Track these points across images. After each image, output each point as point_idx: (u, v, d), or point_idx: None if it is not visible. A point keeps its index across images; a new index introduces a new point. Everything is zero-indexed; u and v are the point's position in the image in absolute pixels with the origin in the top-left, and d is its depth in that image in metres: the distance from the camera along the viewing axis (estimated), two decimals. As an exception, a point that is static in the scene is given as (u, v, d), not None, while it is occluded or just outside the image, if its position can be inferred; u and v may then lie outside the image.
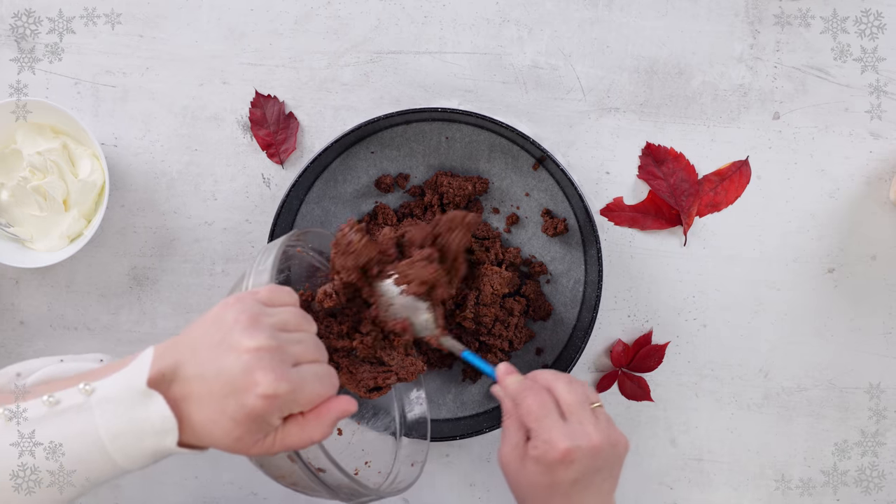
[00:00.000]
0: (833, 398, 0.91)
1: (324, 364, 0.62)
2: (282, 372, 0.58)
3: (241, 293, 0.62)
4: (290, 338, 0.60)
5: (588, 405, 0.70)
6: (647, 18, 0.89)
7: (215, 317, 0.60)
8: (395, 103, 0.89)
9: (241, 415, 0.57)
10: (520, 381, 0.72)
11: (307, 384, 0.59)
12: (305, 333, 0.62)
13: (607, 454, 0.68)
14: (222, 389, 0.58)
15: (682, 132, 0.89)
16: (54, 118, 0.84)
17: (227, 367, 0.57)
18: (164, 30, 0.89)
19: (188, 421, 0.59)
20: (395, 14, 0.89)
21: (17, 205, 0.85)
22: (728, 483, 0.91)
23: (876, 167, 0.90)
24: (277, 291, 0.63)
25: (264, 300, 0.62)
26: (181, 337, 0.61)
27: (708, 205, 0.90)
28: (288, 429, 0.60)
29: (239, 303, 0.60)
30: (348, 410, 0.61)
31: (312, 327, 0.63)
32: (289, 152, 0.89)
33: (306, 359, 0.61)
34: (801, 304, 0.90)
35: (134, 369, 0.59)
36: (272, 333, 0.59)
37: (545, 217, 0.89)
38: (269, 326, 0.59)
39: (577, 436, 0.67)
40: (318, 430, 0.60)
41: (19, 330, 0.90)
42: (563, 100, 0.89)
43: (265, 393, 0.57)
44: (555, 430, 0.68)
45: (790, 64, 0.89)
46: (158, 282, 0.90)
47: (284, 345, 0.59)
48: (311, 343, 0.62)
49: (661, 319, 0.90)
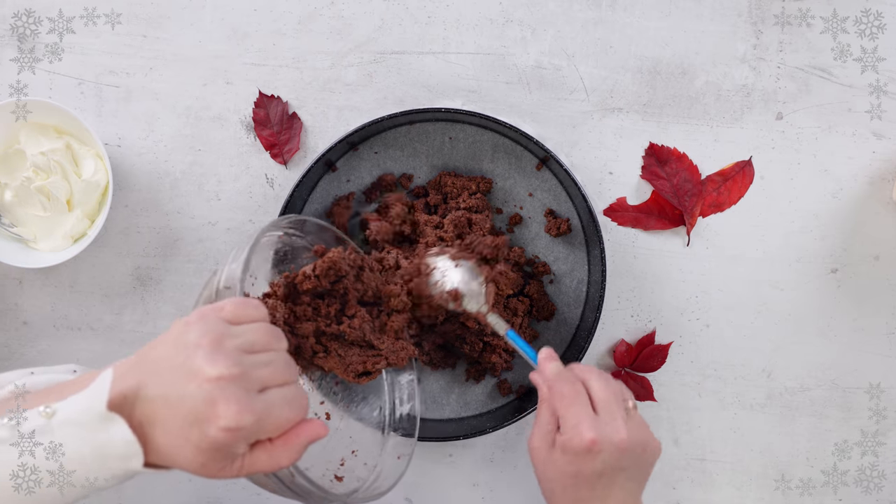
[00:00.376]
0: (836, 398, 0.91)
1: (292, 386, 0.59)
2: (245, 403, 0.55)
3: (205, 308, 0.59)
4: (256, 360, 0.58)
5: (622, 404, 0.70)
6: (650, 19, 0.89)
7: (177, 336, 0.57)
8: (399, 103, 0.89)
9: (205, 444, 0.55)
10: (559, 369, 0.72)
11: (274, 411, 0.57)
12: (274, 353, 0.59)
13: (635, 454, 0.68)
14: (185, 417, 0.55)
15: (686, 132, 0.89)
16: (57, 118, 0.84)
17: (190, 395, 0.55)
18: (167, 30, 0.89)
19: (153, 444, 0.57)
20: (399, 14, 0.89)
21: (20, 205, 0.85)
22: (731, 483, 0.92)
23: (879, 167, 0.90)
24: (243, 307, 0.60)
25: (229, 318, 0.59)
26: (144, 354, 0.59)
27: (711, 205, 0.90)
28: (256, 455, 0.58)
29: (202, 322, 0.57)
30: (318, 435, 0.59)
31: (282, 344, 0.61)
32: (292, 152, 0.89)
33: (274, 382, 0.58)
34: (805, 304, 0.90)
35: (94, 391, 0.56)
36: (236, 359, 0.56)
37: (548, 217, 0.89)
38: (233, 350, 0.56)
39: (605, 429, 0.67)
40: (287, 456, 0.58)
41: (23, 330, 0.90)
42: (567, 100, 0.89)
43: (227, 426, 0.54)
44: (584, 419, 0.68)
45: (793, 64, 0.89)
46: (162, 282, 0.90)
47: (249, 370, 0.56)
48: (279, 364, 0.59)
49: (664, 319, 0.90)
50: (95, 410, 0.56)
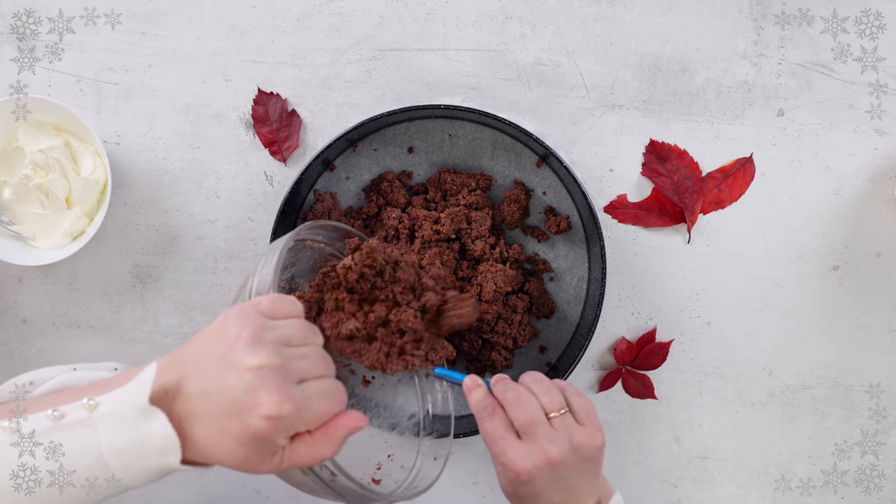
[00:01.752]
0: (837, 396, 0.90)
1: (330, 379, 0.60)
2: (286, 391, 0.56)
3: (243, 304, 0.60)
4: (295, 353, 0.59)
5: (542, 418, 0.69)
6: (650, 15, 0.89)
7: (217, 330, 0.58)
8: (398, 100, 0.89)
9: (246, 436, 0.56)
10: (480, 399, 0.71)
11: (313, 402, 0.58)
12: (311, 347, 0.60)
13: (570, 462, 0.68)
14: (226, 409, 0.56)
15: (686, 129, 0.89)
16: (56, 116, 0.84)
17: (230, 385, 0.56)
18: (166, 27, 0.88)
19: (192, 439, 0.57)
20: (398, 11, 0.88)
21: (19, 203, 0.85)
22: (732, 481, 0.91)
23: (881, 164, 0.89)
24: (280, 302, 0.61)
25: (267, 312, 0.60)
26: (184, 350, 0.60)
27: (712, 202, 0.89)
28: (296, 447, 0.59)
29: (241, 316, 0.58)
30: (357, 426, 0.60)
31: (318, 339, 0.62)
32: (291, 150, 0.89)
33: (312, 374, 0.59)
34: (806, 301, 0.90)
35: (136, 385, 0.58)
36: (276, 349, 0.57)
37: (548, 214, 0.89)
38: (272, 342, 0.57)
39: (530, 455, 0.67)
40: (328, 448, 0.59)
41: (22, 328, 0.90)
42: (567, 97, 0.89)
43: (269, 414, 0.55)
44: (509, 451, 0.68)
45: (794, 60, 0.89)
46: (161, 280, 0.89)
47: (288, 361, 0.57)
48: (316, 357, 0.60)
49: (664, 317, 0.90)
50: (137, 404, 0.57)
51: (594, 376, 0.90)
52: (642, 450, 0.91)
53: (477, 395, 0.72)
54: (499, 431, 0.69)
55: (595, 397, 0.91)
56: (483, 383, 0.73)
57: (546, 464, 0.67)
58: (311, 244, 0.78)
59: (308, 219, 0.87)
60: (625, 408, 0.91)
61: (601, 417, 0.90)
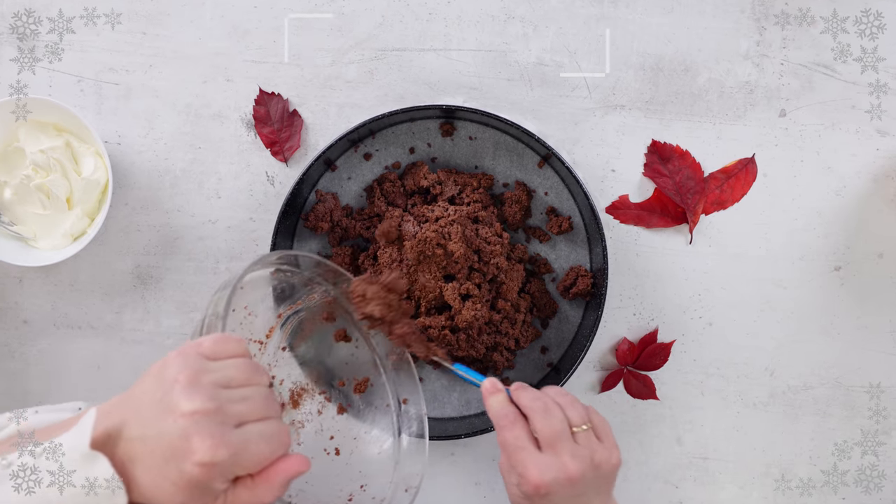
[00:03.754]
0: (839, 397, 0.90)
1: (272, 421, 0.59)
2: (220, 437, 0.55)
3: (184, 346, 0.59)
4: (234, 395, 0.58)
5: (567, 432, 0.69)
6: (652, 15, 0.88)
7: (158, 373, 0.58)
8: (400, 100, 0.89)
9: (183, 481, 0.55)
10: (501, 405, 0.71)
11: (251, 446, 0.57)
12: (253, 388, 0.59)
13: (589, 478, 0.68)
14: (163, 454, 0.56)
15: (688, 129, 0.89)
16: (57, 116, 0.84)
17: (166, 431, 0.55)
18: (167, 27, 0.88)
19: (135, 482, 0.57)
20: (400, 11, 0.88)
21: (20, 203, 0.84)
22: (734, 482, 0.91)
23: (883, 164, 0.89)
24: (223, 342, 0.60)
25: (208, 353, 0.59)
26: (129, 392, 0.59)
27: (714, 202, 0.89)
28: (237, 492, 0.58)
29: (180, 358, 0.58)
30: (299, 471, 0.59)
31: (263, 379, 0.60)
32: (293, 150, 0.89)
33: (252, 417, 0.58)
34: (808, 302, 0.90)
35: (78, 431, 0.58)
36: (212, 393, 0.56)
37: (550, 215, 0.88)
38: (209, 385, 0.57)
39: (551, 468, 0.67)
40: (269, 493, 0.58)
41: (23, 329, 0.90)
42: (569, 97, 0.89)
43: (202, 461, 0.55)
44: (529, 462, 0.68)
45: (796, 61, 0.89)
46: (162, 280, 0.89)
47: (225, 405, 0.57)
48: (258, 399, 0.59)
49: (666, 318, 0.90)
50: (79, 449, 0.57)
51: (596, 377, 0.90)
52: (644, 450, 0.91)
53: (497, 400, 0.71)
54: (520, 441, 0.69)
55: (597, 398, 0.90)
56: (503, 388, 0.72)
57: (566, 479, 0.67)
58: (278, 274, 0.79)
59: (310, 219, 0.87)
60: (626, 408, 0.91)
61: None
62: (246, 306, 0.77)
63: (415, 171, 0.88)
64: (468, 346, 0.85)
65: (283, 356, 0.81)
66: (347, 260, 0.87)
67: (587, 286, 0.86)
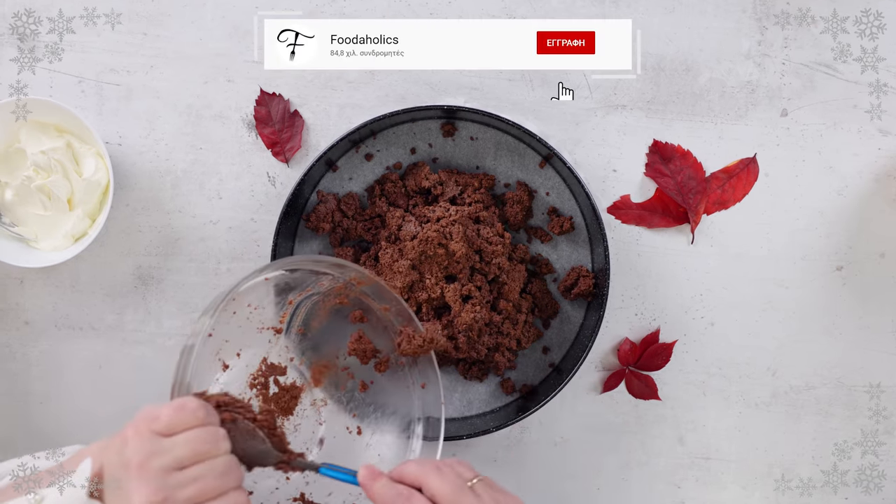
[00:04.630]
0: (841, 397, 0.90)
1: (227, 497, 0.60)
2: None
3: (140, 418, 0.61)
4: (185, 478, 0.59)
5: (465, 486, 0.65)
6: (654, 15, 0.88)
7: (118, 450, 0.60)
8: (401, 101, 0.89)
9: None
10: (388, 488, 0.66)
11: None
12: (207, 464, 0.60)
13: None
14: None
15: (690, 129, 0.89)
16: (58, 117, 0.84)
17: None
18: (168, 28, 0.88)
19: None
20: (401, 11, 0.88)
21: (21, 204, 0.84)
22: (736, 482, 0.91)
23: (885, 164, 0.89)
24: (179, 414, 0.61)
25: (163, 429, 0.60)
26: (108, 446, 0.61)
27: (715, 202, 0.89)
28: None
29: (136, 437, 0.59)
30: None
31: (220, 448, 0.61)
32: (294, 151, 0.88)
33: (204, 497, 0.59)
34: (810, 302, 0.90)
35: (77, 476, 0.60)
36: (161, 483, 0.58)
37: (551, 215, 0.88)
38: (159, 472, 0.58)
39: None
40: None
41: (24, 330, 0.90)
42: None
43: None
44: None
45: (798, 60, 0.89)
46: (163, 281, 0.89)
47: (174, 493, 0.58)
48: (210, 477, 0.60)
49: (668, 318, 0.90)
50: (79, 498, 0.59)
51: (598, 377, 0.90)
52: (646, 450, 0.91)
53: (382, 485, 0.66)
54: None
55: (598, 398, 0.90)
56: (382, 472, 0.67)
57: None
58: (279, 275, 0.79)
59: (311, 220, 0.86)
60: (628, 409, 0.91)
61: (605, 419, 0.90)
62: (249, 304, 0.77)
63: (416, 171, 0.88)
64: (469, 348, 0.85)
65: (300, 339, 0.81)
66: (349, 260, 0.87)
67: (589, 286, 0.86)
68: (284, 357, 0.80)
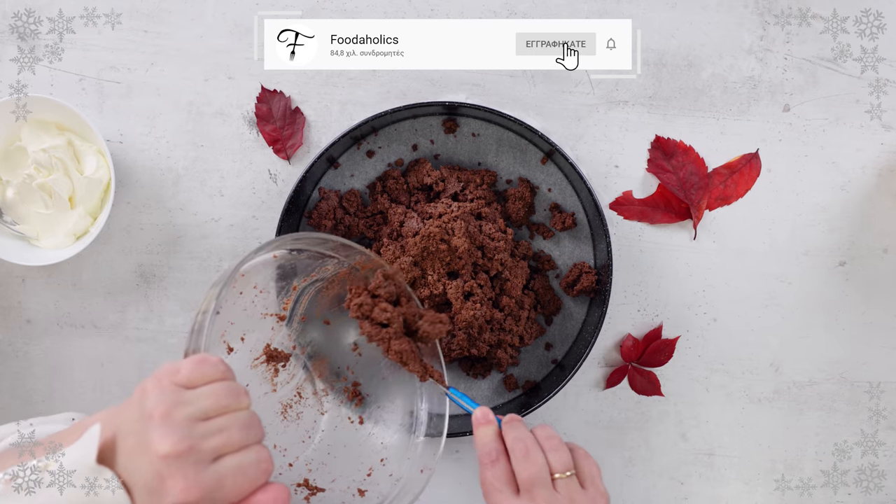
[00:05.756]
0: (844, 392, 0.90)
1: (251, 450, 0.59)
2: (193, 479, 0.56)
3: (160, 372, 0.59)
4: (209, 428, 0.58)
5: (546, 479, 0.67)
6: (655, 10, 0.88)
7: (138, 402, 0.58)
8: (402, 97, 0.89)
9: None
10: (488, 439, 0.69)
11: (227, 481, 0.57)
12: (230, 416, 0.59)
13: None
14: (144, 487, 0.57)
15: (692, 125, 0.89)
16: (59, 115, 0.83)
17: (144, 468, 0.57)
18: (168, 24, 0.88)
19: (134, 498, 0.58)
20: (402, 7, 0.88)
21: (22, 202, 0.84)
22: (739, 477, 0.91)
23: (888, 159, 0.89)
24: (201, 366, 0.60)
25: (184, 381, 0.59)
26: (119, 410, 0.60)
27: (718, 198, 0.89)
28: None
29: (156, 389, 0.58)
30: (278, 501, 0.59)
31: (242, 402, 0.60)
32: (295, 147, 0.88)
33: (230, 448, 0.58)
34: (812, 297, 0.90)
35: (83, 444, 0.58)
36: (186, 432, 0.56)
37: (553, 211, 0.88)
38: (183, 421, 0.57)
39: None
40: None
41: (26, 328, 0.89)
42: (572, 93, 0.89)
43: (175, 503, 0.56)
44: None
45: (800, 55, 0.88)
46: (165, 279, 0.89)
47: (199, 442, 0.57)
48: (235, 428, 0.59)
49: (671, 314, 0.90)
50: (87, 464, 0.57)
51: (600, 373, 0.90)
52: (649, 447, 0.91)
53: (485, 433, 0.70)
54: (498, 483, 0.68)
55: (601, 394, 0.90)
56: (495, 420, 0.71)
57: None
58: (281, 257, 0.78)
59: (313, 217, 0.86)
60: (631, 405, 0.90)
61: (608, 415, 0.90)
62: (255, 286, 0.76)
63: (418, 168, 0.88)
64: (469, 346, 0.85)
65: (303, 326, 0.81)
66: None
67: (591, 283, 0.86)
68: (287, 345, 0.79)
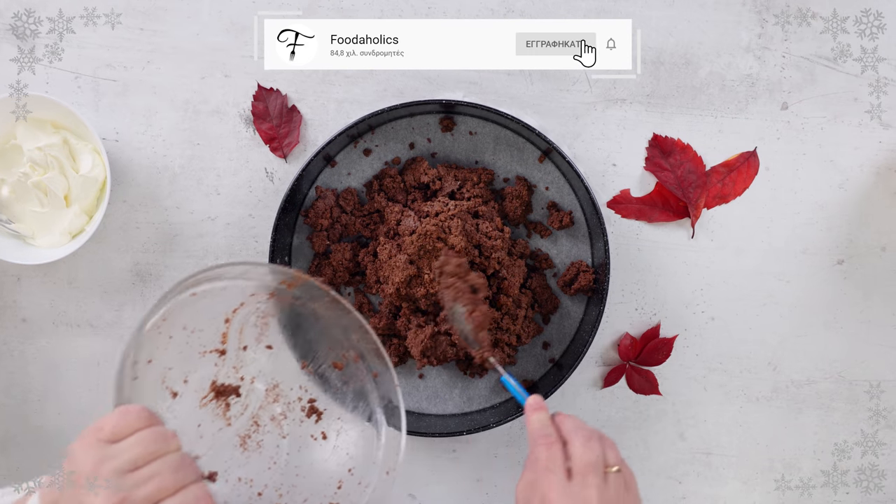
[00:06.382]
0: (843, 391, 0.90)
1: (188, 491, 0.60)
2: None
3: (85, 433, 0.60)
4: (141, 477, 0.58)
5: (601, 468, 0.68)
6: (653, 8, 0.88)
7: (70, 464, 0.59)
8: (399, 95, 0.88)
9: None
10: (542, 424, 0.71)
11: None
12: (160, 461, 0.60)
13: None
14: None
15: (690, 123, 0.89)
16: (54, 113, 0.83)
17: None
18: (164, 22, 0.88)
19: None
20: (399, 6, 0.88)
21: (17, 201, 0.84)
22: (737, 477, 0.91)
23: (886, 157, 0.89)
24: (123, 419, 0.60)
25: (109, 436, 0.60)
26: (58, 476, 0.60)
27: (716, 196, 0.89)
28: None
29: (81, 449, 0.59)
30: None
31: (171, 445, 0.61)
32: (292, 146, 0.88)
33: (164, 494, 0.59)
34: (810, 296, 0.89)
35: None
36: (116, 485, 0.58)
37: (551, 210, 0.88)
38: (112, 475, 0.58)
39: (574, 499, 0.66)
40: None
41: (21, 327, 0.89)
42: (569, 91, 0.88)
43: None
44: (555, 487, 0.67)
45: (798, 53, 0.88)
46: (161, 278, 0.89)
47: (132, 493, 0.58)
48: (167, 472, 0.59)
49: (668, 312, 0.89)
50: None
51: (598, 372, 0.90)
52: (647, 446, 0.91)
53: (540, 418, 0.71)
54: (552, 464, 0.68)
55: (599, 393, 0.90)
56: (547, 407, 0.73)
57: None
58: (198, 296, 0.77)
59: (309, 216, 0.86)
60: (629, 404, 0.90)
61: (606, 414, 0.90)
62: (184, 326, 0.75)
63: (415, 166, 0.87)
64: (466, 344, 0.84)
65: (246, 356, 0.80)
66: (348, 255, 0.86)
67: (589, 281, 0.86)
68: (234, 377, 0.79)
